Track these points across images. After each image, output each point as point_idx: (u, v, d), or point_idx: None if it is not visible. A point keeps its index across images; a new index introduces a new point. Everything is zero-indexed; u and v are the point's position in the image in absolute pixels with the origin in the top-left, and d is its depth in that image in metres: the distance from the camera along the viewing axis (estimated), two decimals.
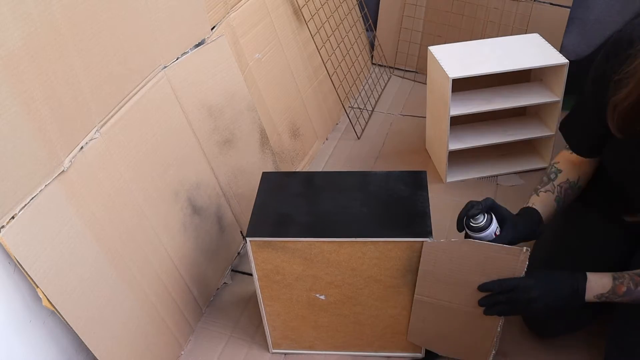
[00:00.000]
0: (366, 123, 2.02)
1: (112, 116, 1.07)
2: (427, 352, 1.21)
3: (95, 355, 1.01)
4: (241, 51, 1.52)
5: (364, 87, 2.15)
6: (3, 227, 0.84)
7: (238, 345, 1.29)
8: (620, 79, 0.89)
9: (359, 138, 1.94)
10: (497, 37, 1.67)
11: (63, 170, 0.95)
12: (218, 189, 1.41)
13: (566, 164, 1.17)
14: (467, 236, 1.01)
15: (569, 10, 1.85)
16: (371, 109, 2.05)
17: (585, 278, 0.98)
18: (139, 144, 1.14)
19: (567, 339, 1.22)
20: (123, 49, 1.07)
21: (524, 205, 1.12)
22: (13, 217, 0.86)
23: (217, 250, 1.41)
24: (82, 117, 0.99)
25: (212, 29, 1.38)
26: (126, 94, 1.11)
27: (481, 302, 1.02)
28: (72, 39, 0.94)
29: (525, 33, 1.94)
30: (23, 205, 0.88)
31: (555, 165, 1.18)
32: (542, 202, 1.12)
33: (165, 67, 1.22)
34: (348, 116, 2.01)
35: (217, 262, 1.42)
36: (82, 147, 1.00)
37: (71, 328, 0.96)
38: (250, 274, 1.11)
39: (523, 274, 0.98)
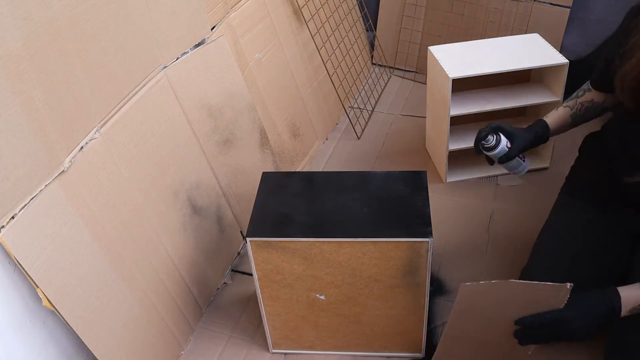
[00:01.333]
0: (366, 123, 2.02)
1: (112, 116, 1.07)
2: (427, 352, 1.21)
3: (95, 355, 1.01)
4: (241, 51, 1.52)
5: (364, 87, 2.15)
6: (3, 227, 0.84)
7: (238, 345, 1.29)
8: (625, 51, 0.90)
9: (359, 138, 1.94)
10: (497, 37, 1.67)
11: (63, 170, 0.95)
12: (218, 189, 1.41)
13: (590, 89, 1.20)
14: (486, 157, 1.18)
15: (569, 10, 1.85)
16: (371, 109, 2.04)
17: (619, 296, 0.96)
18: (138, 144, 1.14)
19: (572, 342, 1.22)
20: (123, 49, 1.07)
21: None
22: (13, 217, 0.86)
23: (217, 250, 1.41)
24: (82, 117, 0.99)
25: (212, 29, 1.38)
26: (126, 94, 1.11)
27: (518, 335, 0.99)
28: (72, 39, 0.94)
29: (525, 33, 1.94)
30: (23, 205, 0.88)
31: (588, 84, 1.20)
32: (557, 114, 1.21)
33: (165, 67, 1.22)
34: (348, 116, 2.00)
35: (217, 262, 1.42)
36: (82, 147, 1.00)
37: (71, 328, 0.96)
38: (250, 274, 1.11)
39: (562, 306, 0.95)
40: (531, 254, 1.24)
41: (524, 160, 1.19)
